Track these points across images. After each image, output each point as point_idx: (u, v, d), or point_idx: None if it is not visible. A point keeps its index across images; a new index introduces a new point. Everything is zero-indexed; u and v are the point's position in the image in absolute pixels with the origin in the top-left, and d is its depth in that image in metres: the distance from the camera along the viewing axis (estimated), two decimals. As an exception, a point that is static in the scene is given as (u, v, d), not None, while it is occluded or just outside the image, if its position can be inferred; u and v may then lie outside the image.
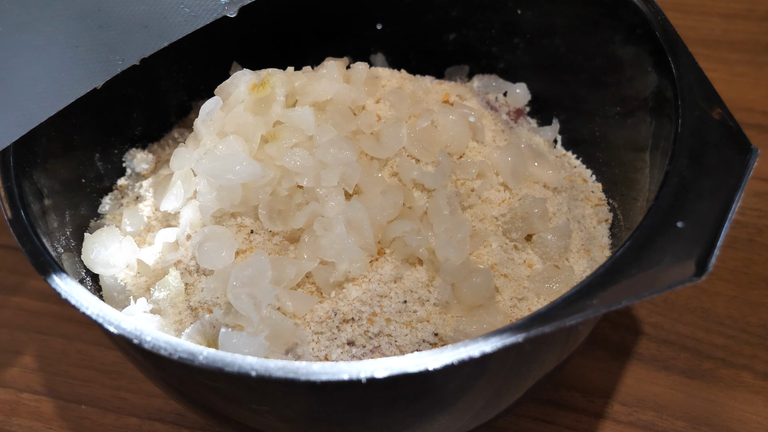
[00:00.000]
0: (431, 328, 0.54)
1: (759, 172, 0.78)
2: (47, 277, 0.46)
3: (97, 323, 0.43)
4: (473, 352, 0.40)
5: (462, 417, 0.51)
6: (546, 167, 0.63)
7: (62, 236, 0.58)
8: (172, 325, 0.55)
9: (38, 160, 0.57)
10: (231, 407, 0.50)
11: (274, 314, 0.51)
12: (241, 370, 0.40)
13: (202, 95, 0.77)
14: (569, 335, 0.50)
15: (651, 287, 0.42)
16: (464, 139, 0.62)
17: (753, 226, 0.76)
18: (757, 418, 0.63)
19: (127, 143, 0.71)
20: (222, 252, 0.54)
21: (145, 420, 0.65)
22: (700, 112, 0.51)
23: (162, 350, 0.41)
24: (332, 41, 0.77)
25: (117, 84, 0.67)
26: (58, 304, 0.73)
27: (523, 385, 0.51)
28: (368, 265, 0.55)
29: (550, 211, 0.61)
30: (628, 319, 0.69)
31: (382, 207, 0.56)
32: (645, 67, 0.58)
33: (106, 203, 0.67)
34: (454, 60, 0.77)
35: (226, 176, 0.55)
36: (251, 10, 0.74)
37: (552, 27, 0.69)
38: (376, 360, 0.40)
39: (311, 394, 0.43)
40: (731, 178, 0.46)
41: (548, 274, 0.57)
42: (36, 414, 0.66)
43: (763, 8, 0.98)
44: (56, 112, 0.53)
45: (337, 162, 0.55)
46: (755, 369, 0.66)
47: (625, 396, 0.65)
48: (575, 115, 0.70)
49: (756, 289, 0.71)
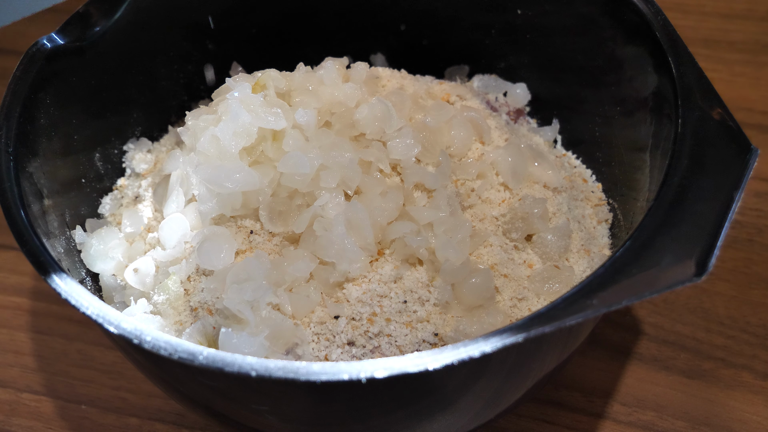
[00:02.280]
0: (431, 328, 0.54)
1: (759, 172, 0.78)
2: (47, 277, 0.46)
3: (97, 323, 0.43)
4: (473, 352, 0.40)
5: (462, 417, 0.51)
6: (546, 167, 0.63)
7: (62, 236, 0.58)
8: (172, 326, 0.55)
9: (38, 160, 0.57)
10: (231, 407, 0.50)
11: (274, 314, 0.51)
12: (241, 370, 0.40)
13: (202, 95, 0.77)
14: (569, 335, 0.50)
15: (651, 287, 0.42)
16: (468, 140, 0.62)
17: (753, 226, 0.76)
18: (757, 418, 0.63)
19: (127, 143, 0.71)
20: (222, 252, 0.54)
21: (145, 420, 0.65)
22: (700, 112, 0.51)
23: (162, 350, 0.41)
24: (332, 41, 0.77)
25: (117, 84, 0.67)
26: (58, 304, 0.73)
27: (523, 385, 0.51)
28: (368, 266, 0.55)
29: (550, 211, 0.61)
30: (628, 319, 0.69)
31: (382, 208, 0.56)
32: (645, 67, 0.58)
33: (105, 203, 0.67)
34: (454, 60, 0.77)
35: (225, 184, 0.55)
36: (251, 10, 0.75)
37: (552, 27, 0.69)
38: (376, 360, 0.40)
39: (311, 394, 0.43)
40: (731, 178, 0.46)
41: (548, 274, 0.57)
42: (36, 414, 0.66)
43: (763, 8, 0.98)
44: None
45: (337, 164, 0.55)
46: (755, 369, 0.66)
47: (625, 396, 0.65)
48: (575, 115, 0.70)
49: (756, 289, 0.71)
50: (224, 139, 0.56)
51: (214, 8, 0.73)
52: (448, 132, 0.62)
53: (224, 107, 0.58)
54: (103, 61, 0.65)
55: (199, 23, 0.73)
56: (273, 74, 0.60)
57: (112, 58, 0.66)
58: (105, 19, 0.64)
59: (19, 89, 0.57)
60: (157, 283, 0.57)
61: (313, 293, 0.54)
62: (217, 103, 0.60)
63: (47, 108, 0.59)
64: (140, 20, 0.67)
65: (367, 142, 0.59)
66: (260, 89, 0.59)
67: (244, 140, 0.56)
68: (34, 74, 0.58)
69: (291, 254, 0.55)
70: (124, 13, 0.65)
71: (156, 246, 0.59)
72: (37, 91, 0.58)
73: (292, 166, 0.55)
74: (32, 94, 0.57)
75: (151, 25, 0.69)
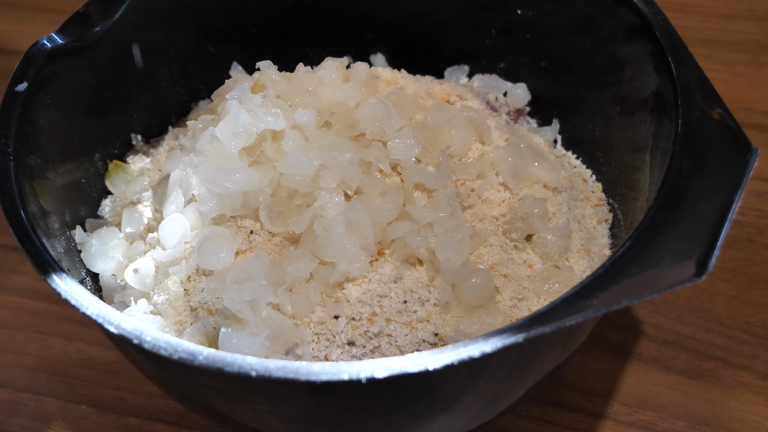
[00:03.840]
0: (431, 328, 0.54)
1: (759, 172, 0.78)
2: (47, 277, 0.46)
3: (97, 323, 0.43)
4: (473, 352, 0.40)
5: (462, 417, 0.51)
6: (546, 167, 0.63)
7: (62, 236, 0.58)
8: (172, 326, 0.55)
9: (38, 160, 0.57)
10: (231, 407, 0.50)
11: (274, 314, 0.51)
12: (241, 370, 0.40)
13: (202, 95, 0.77)
14: (569, 335, 0.50)
15: (651, 287, 0.42)
16: (468, 140, 0.62)
17: (753, 226, 0.76)
18: (757, 418, 0.63)
19: (126, 144, 0.71)
20: (222, 252, 0.54)
21: (145, 420, 0.65)
22: (700, 112, 0.51)
23: (162, 350, 0.41)
24: (332, 41, 0.77)
25: (117, 84, 0.67)
26: (58, 304, 0.73)
27: (523, 385, 0.51)
28: (368, 266, 0.55)
29: (550, 211, 0.61)
30: (628, 320, 0.69)
31: (382, 208, 0.56)
32: (645, 67, 0.58)
33: (105, 203, 0.67)
34: (454, 60, 0.77)
35: (224, 184, 0.55)
36: (251, 11, 0.75)
37: (552, 27, 0.69)
38: (376, 360, 0.40)
39: (311, 394, 0.43)
40: (731, 178, 0.46)
41: (548, 274, 0.57)
42: (36, 414, 0.66)
43: (762, 8, 0.98)
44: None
45: (337, 164, 0.55)
46: (755, 369, 0.66)
47: (625, 396, 0.65)
48: (575, 115, 0.70)
49: (756, 289, 0.71)
50: (224, 140, 0.56)
51: (215, 8, 0.73)
52: (448, 132, 0.62)
53: (224, 107, 0.58)
54: (103, 61, 0.65)
55: (199, 23, 0.73)
56: (272, 74, 0.60)
57: (112, 58, 0.66)
58: (105, 19, 0.64)
59: (18, 89, 0.57)
60: (157, 284, 0.57)
61: (313, 293, 0.54)
62: (217, 103, 0.60)
63: (47, 108, 0.59)
64: (140, 20, 0.67)
65: (367, 142, 0.59)
66: (259, 89, 0.59)
67: (244, 140, 0.56)
68: (34, 74, 0.58)
69: (291, 254, 0.55)
70: (124, 13, 0.65)
71: (156, 246, 0.59)
72: (37, 92, 0.58)
73: (291, 167, 0.55)
74: (32, 94, 0.57)
75: (151, 25, 0.69)
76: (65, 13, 0.63)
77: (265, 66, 0.62)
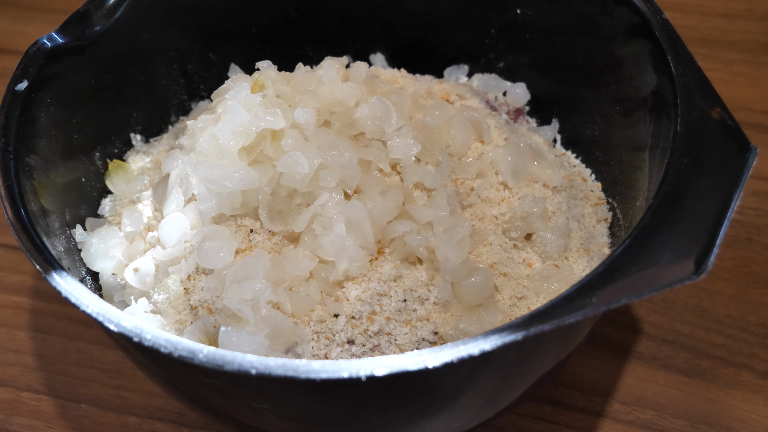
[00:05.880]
0: (431, 326, 0.54)
1: (758, 171, 0.78)
2: (47, 275, 0.46)
3: (97, 322, 0.44)
4: (473, 351, 0.40)
5: (462, 415, 0.51)
6: (545, 166, 0.63)
7: (62, 235, 0.58)
8: (172, 325, 0.55)
9: (38, 160, 0.57)
10: (231, 406, 0.50)
11: (273, 313, 0.51)
12: (241, 368, 0.40)
13: (202, 95, 0.77)
14: (568, 334, 0.50)
15: (650, 286, 0.42)
16: (468, 139, 0.62)
17: (752, 225, 0.76)
18: (756, 416, 0.63)
19: (126, 143, 0.71)
20: (221, 251, 0.54)
21: (145, 419, 0.65)
22: (700, 111, 0.51)
23: (162, 348, 0.41)
24: (332, 41, 0.77)
25: (117, 84, 0.68)
26: (58, 303, 0.74)
27: (523, 384, 0.51)
28: (368, 264, 0.55)
29: (550, 210, 0.61)
30: (628, 318, 0.69)
31: (381, 207, 0.56)
32: (644, 67, 0.58)
33: (105, 203, 0.67)
34: (453, 59, 0.77)
35: (224, 183, 0.55)
36: (251, 10, 0.75)
37: (552, 27, 0.69)
38: (375, 358, 0.40)
39: (311, 392, 0.43)
40: (730, 177, 0.47)
41: (548, 273, 0.57)
42: (36, 413, 0.66)
43: (762, 8, 0.98)
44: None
45: (336, 164, 0.55)
46: (754, 368, 0.66)
47: (625, 395, 0.65)
48: (575, 114, 0.71)
49: (755, 288, 0.71)
50: (223, 139, 0.56)
51: (215, 8, 0.73)
52: (447, 131, 0.62)
53: (223, 107, 0.58)
54: (103, 61, 0.65)
55: (199, 23, 0.73)
56: (272, 74, 0.60)
57: (112, 58, 0.66)
58: (105, 19, 0.64)
59: (19, 89, 0.57)
60: (157, 282, 0.57)
61: (313, 292, 0.54)
62: (217, 103, 0.60)
63: (47, 108, 0.59)
64: (140, 20, 0.67)
65: (367, 141, 0.60)
66: (259, 89, 0.59)
67: (244, 140, 0.56)
68: (34, 74, 0.58)
69: (291, 253, 0.55)
70: (124, 13, 0.65)
71: (156, 245, 0.59)
72: (37, 91, 0.58)
73: (291, 166, 0.55)
74: (32, 94, 0.57)
75: (151, 25, 0.69)
76: (65, 13, 0.63)
77: (264, 66, 0.62)
